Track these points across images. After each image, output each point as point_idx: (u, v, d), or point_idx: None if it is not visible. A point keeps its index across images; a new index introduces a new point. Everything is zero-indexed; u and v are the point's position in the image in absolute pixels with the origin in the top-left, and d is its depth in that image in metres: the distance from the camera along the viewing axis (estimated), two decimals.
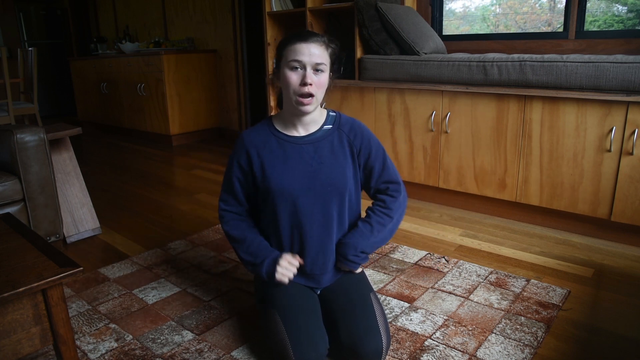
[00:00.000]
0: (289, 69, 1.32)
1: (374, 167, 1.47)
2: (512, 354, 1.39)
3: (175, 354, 1.43)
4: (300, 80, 1.30)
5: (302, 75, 1.30)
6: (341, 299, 1.39)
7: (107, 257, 2.15)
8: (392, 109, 2.74)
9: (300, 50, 1.30)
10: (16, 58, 4.60)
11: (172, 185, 3.32)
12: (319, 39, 1.33)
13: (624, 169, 2.04)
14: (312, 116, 1.41)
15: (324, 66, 1.33)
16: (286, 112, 1.42)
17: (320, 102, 1.39)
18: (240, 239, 1.44)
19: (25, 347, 1.12)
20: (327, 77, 1.36)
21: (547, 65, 2.16)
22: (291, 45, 1.31)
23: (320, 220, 1.40)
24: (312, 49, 1.30)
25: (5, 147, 1.92)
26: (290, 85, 1.32)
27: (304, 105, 1.33)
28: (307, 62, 1.30)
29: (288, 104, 1.38)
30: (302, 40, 1.30)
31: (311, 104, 1.33)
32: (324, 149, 1.41)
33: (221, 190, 1.51)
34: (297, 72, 1.31)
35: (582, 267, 1.94)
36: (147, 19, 5.49)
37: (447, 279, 1.85)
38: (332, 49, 1.36)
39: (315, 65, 1.31)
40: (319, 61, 1.31)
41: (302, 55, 1.29)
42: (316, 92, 1.32)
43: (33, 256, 1.21)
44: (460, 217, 2.51)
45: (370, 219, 1.46)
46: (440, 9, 3.17)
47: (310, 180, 1.38)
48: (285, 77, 1.33)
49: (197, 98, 4.71)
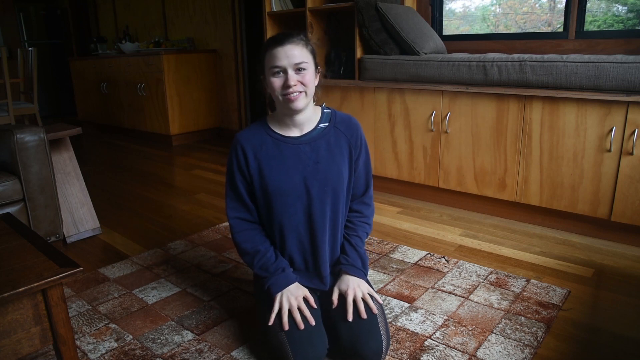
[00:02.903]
0: (272, 75, 1.33)
1: (361, 168, 1.48)
2: (512, 354, 1.39)
3: (175, 354, 1.43)
4: (283, 83, 1.31)
5: (284, 79, 1.31)
6: (341, 299, 1.39)
7: (107, 257, 2.15)
8: (392, 109, 2.74)
9: (278, 55, 1.30)
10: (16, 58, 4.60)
11: (172, 185, 3.32)
12: (295, 39, 1.32)
13: (624, 169, 2.04)
14: (306, 115, 1.40)
15: (306, 64, 1.32)
16: (279, 113, 1.43)
17: (311, 99, 1.39)
18: (252, 252, 1.43)
19: (25, 347, 1.12)
20: (312, 73, 1.35)
21: (547, 65, 2.16)
22: (269, 51, 1.32)
23: (318, 220, 1.40)
24: (288, 50, 1.30)
25: (5, 147, 1.92)
26: (275, 90, 1.33)
27: (292, 101, 1.32)
28: (287, 64, 1.30)
29: (279, 106, 1.39)
30: (278, 45, 1.31)
31: (299, 99, 1.33)
32: (321, 148, 1.41)
33: (226, 198, 1.48)
34: (279, 76, 1.32)
35: (582, 267, 1.94)
36: (147, 19, 5.49)
37: (447, 279, 1.85)
38: (311, 45, 1.37)
39: (295, 65, 1.31)
40: (298, 61, 1.31)
41: (279, 60, 1.30)
42: (304, 89, 1.33)
43: (33, 256, 1.21)
44: (460, 217, 2.51)
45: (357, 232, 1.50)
46: (440, 9, 3.17)
47: (307, 180, 1.38)
48: (270, 84, 1.34)
49: (197, 98, 4.71)
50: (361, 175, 1.49)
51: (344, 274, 1.42)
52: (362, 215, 1.51)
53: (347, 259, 1.44)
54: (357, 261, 1.44)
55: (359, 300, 1.34)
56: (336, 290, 1.39)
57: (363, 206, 1.52)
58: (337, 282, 1.42)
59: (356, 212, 1.51)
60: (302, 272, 1.45)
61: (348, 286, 1.38)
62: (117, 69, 5.04)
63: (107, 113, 5.44)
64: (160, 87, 4.49)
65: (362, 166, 1.48)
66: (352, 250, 1.46)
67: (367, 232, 1.52)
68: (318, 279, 1.45)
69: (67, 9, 6.64)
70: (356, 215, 1.51)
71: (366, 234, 1.52)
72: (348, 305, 1.33)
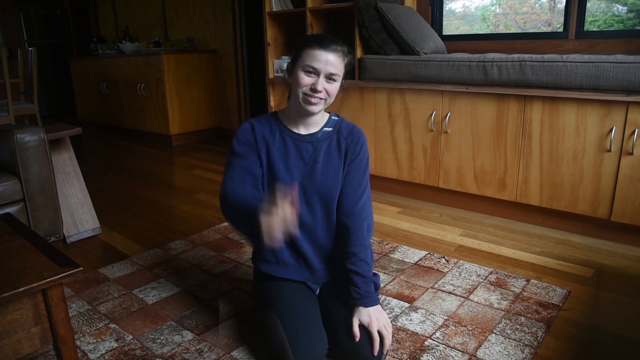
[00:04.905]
0: (303, 72, 1.32)
1: (352, 177, 1.42)
2: (512, 354, 1.39)
3: (175, 354, 1.43)
4: (312, 85, 1.31)
5: (314, 81, 1.31)
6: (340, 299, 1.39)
7: (107, 257, 2.15)
8: (392, 109, 2.74)
9: (318, 57, 1.30)
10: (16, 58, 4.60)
11: (172, 185, 3.32)
12: (338, 48, 1.32)
13: (624, 169, 2.04)
14: (315, 118, 1.42)
15: (337, 76, 1.33)
16: (292, 109, 1.43)
17: (325, 107, 1.40)
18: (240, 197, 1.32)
19: (25, 347, 1.12)
20: (338, 86, 1.36)
21: (547, 65, 2.16)
22: (310, 49, 1.31)
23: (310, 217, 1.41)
24: (329, 57, 1.30)
25: (5, 147, 1.92)
26: (300, 86, 1.32)
27: (311, 104, 1.33)
28: (322, 70, 1.30)
29: (295, 102, 1.38)
30: (321, 47, 1.30)
31: (317, 105, 1.34)
32: (321, 150, 1.42)
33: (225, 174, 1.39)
34: (310, 76, 1.32)
35: (582, 267, 1.94)
36: (147, 19, 5.49)
37: (447, 279, 1.85)
38: (348, 59, 1.36)
39: (329, 74, 1.31)
40: (334, 71, 1.31)
41: (318, 62, 1.30)
42: (326, 97, 1.34)
43: (33, 256, 1.21)
44: (460, 217, 2.51)
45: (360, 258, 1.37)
46: (440, 9, 3.17)
47: (306, 178, 1.40)
48: (297, 78, 1.33)
49: (197, 98, 4.71)
50: (353, 184, 1.42)
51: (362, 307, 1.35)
52: (359, 258, 1.37)
53: (359, 292, 1.34)
54: (370, 287, 1.36)
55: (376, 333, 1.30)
56: (356, 321, 1.32)
57: (360, 249, 1.38)
58: (356, 313, 1.33)
59: (353, 255, 1.38)
60: (292, 265, 1.45)
61: (370, 318, 1.31)
62: (117, 69, 5.04)
63: (107, 113, 5.44)
64: (160, 87, 4.49)
65: (357, 173, 1.42)
66: (361, 280, 1.36)
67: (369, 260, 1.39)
68: (309, 272, 1.45)
69: (67, 9, 6.63)
70: (353, 260, 1.38)
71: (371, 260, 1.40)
72: (375, 340, 1.29)
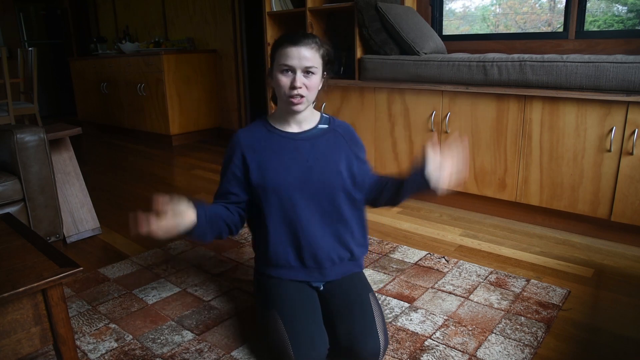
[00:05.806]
0: (280, 72, 1.35)
1: (364, 170, 1.49)
2: (512, 354, 1.39)
3: (175, 354, 1.43)
4: (290, 83, 1.34)
5: (291, 79, 1.34)
6: (339, 299, 1.39)
7: (107, 257, 2.15)
8: (392, 109, 2.74)
9: (290, 54, 1.32)
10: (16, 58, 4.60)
11: (172, 185, 3.32)
12: (309, 41, 1.34)
13: (624, 169, 2.04)
14: (304, 115, 1.44)
15: (315, 68, 1.35)
16: (281, 109, 1.46)
17: (311, 102, 1.42)
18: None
19: (25, 347, 1.12)
20: (319, 79, 1.38)
21: (547, 65, 2.16)
22: (282, 48, 1.34)
23: (317, 216, 1.41)
24: (302, 52, 1.32)
25: (5, 147, 1.92)
26: (281, 88, 1.36)
27: (294, 105, 1.37)
28: (297, 65, 1.32)
29: (281, 102, 1.42)
30: (292, 44, 1.33)
31: (301, 104, 1.37)
32: (320, 147, 1.44)
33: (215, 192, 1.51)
34: (287, 75, 1.34)
35: (582, 267, 1.94)
36: (147, 19, 5.49)
37: (447, 279, 1.85)
38: (324, 49, 1.38)
39: (305, 68, 1.33)
40: (309, 64, 1.33)
41: (291, 59, 1.32)
42: (307, 93, 1.36)
43: (33, 256, 1.21)
44: (460, 217, 2.51)
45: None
46: (440, 9, 3.17)
47: (305, 176, 1.40)
48: (276, 80, 1.37)
49: (197, 98, 4.71)
50: (368, 174, 1.49)
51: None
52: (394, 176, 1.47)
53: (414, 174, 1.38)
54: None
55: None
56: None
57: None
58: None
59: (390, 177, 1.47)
60: (298, 268, 1.45)
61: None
62: (117, 69, 5.04)
63: (107, 113, 5.44)
64: (160, 87, 4.49)
65: (365, 167, 1.50)
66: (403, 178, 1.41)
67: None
68: (318, 272, 1.46)
69: (67, 9, 6.63)
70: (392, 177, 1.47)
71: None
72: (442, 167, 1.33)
